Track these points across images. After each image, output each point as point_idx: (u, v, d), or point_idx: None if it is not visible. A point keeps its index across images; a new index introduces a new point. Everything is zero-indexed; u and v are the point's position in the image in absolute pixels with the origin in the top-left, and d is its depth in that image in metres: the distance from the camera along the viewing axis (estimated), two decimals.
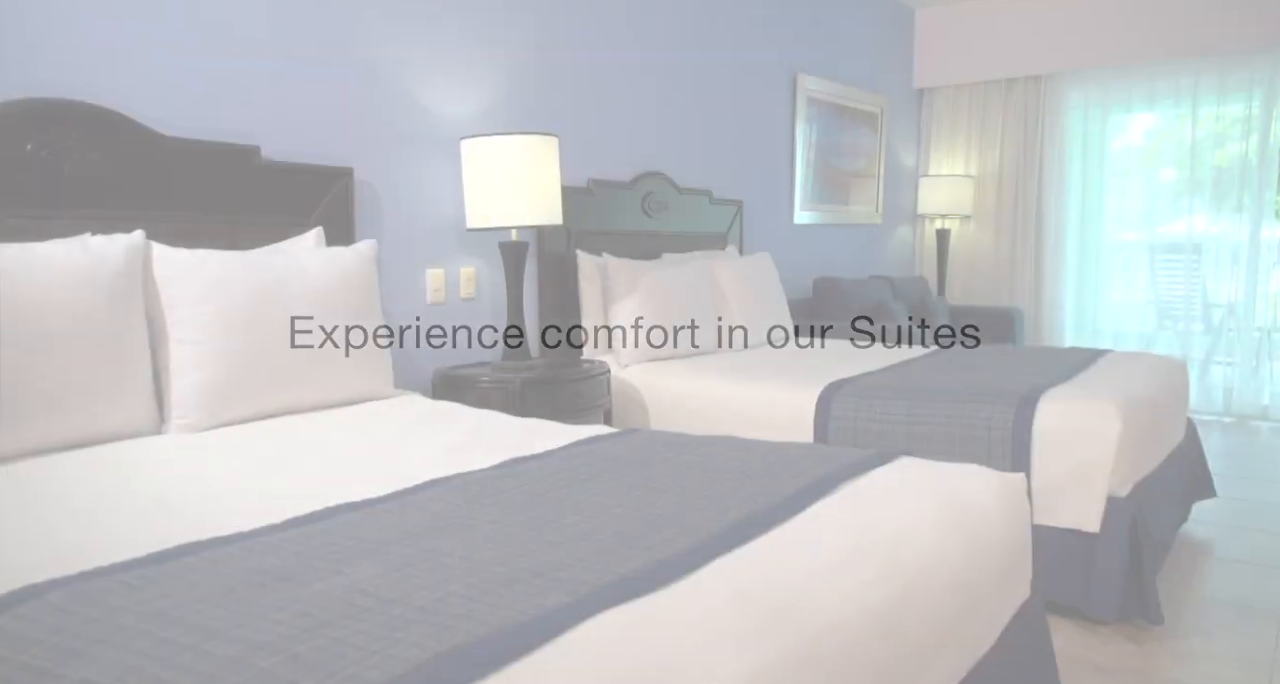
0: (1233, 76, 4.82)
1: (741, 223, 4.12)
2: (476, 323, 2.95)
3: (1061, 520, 2.20)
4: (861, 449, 1.64)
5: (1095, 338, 5.44)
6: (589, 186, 3.31)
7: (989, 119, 5.54)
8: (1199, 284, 5.05)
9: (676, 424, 2.82)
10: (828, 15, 4.75)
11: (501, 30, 2.95)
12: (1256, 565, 2.67)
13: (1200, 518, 3.11)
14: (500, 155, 2.58)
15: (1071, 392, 2.32)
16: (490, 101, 2.93)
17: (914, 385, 2.53)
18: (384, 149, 2.63)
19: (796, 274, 4.66)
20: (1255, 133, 4.73)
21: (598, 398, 2.72)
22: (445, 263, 2.84)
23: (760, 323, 3.56)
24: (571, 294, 3.22)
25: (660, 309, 3.11)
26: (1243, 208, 4.80)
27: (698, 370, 2.94)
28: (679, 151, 3.81)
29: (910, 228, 5.84)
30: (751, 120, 4.25)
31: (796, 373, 2.86)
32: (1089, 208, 5.39)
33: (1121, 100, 5.18)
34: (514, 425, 1.97)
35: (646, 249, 3.56)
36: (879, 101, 5.24)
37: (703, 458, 1.60)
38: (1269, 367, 4.85)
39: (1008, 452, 2.26)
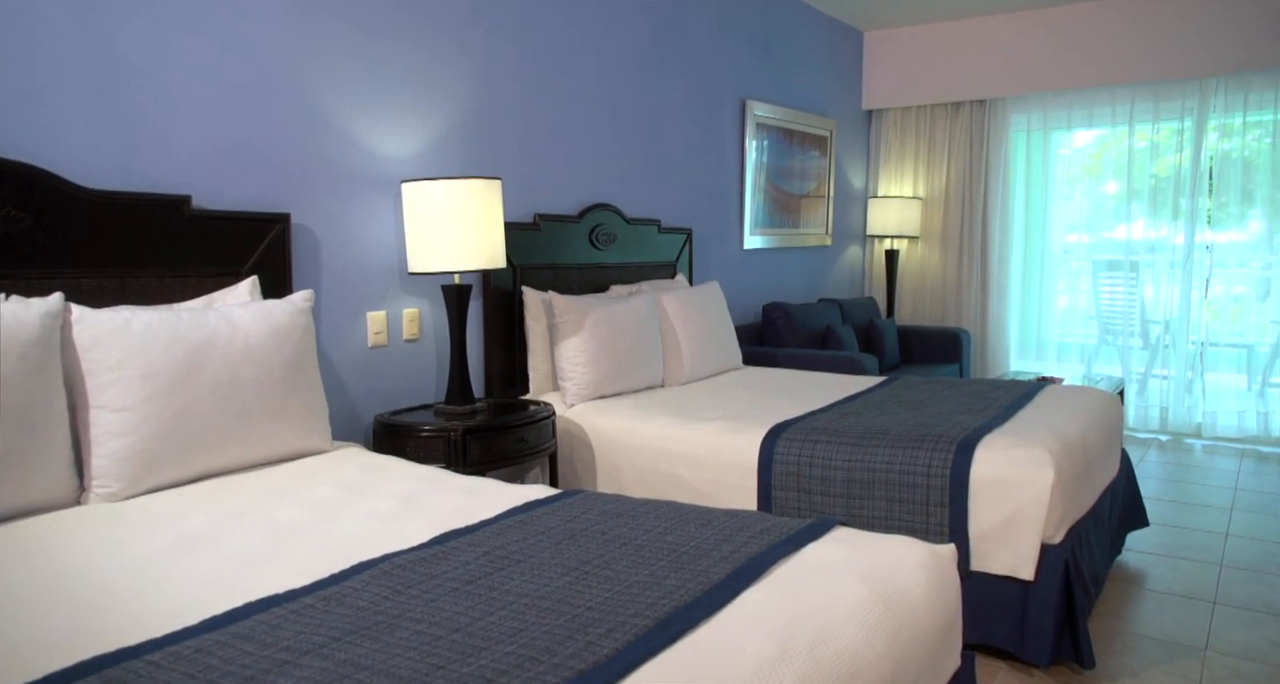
0: (1166, 103, 4.97)
1: (691, 251, 4.13)
2: (421, 364, 2.92)
3: (997, 568, 2.24)
4: (797, 520, 1.65)
5: (1040, 355, 5.56)
6: (536, 222, 3.28)
7: (936, 141, 5.63)
8: (1137, 300, 5.18)
9: (622, 466, 2.81)
10: (776, 40, 4.78)
11: (444, 67, 2.91)
12: (1184, 598, 2.74)
13: (1135, 546, 3.19)
14: (442, 199, 2.55)
15: (1006, 438, 2.35)
16: (434, 139, 2.90)
17: (857, 429, 2.55)
18: (323, 192, 2.58)
19: (747, 300, 4.69)
20: (1188, 147, 4.90)
21: (542, 442, 2.70)
22: (388, 305, 2.80)
23: (709, 355, 3.57)
24: (518, 332, 3.20)
25: (606, 346, 3.10)
26: (1179, 214, 4.95)
27: (644, 410, 2.93)
28: (627, 182, 3.80)
29: (860, 248, 5.91)
30: (700, 148, 4.26)
31: (742, 412, 2.87)
32: (1033, 227, 5.52)
33: (1062, 122, 5.32)
34: (452, 486, 1.95)
35: (595, 281, 3.55)
36: (829, 124, 5.30)
37: (637, 532, 1.59)
38: (1201, 384, 4.99)
39: (945, 499, 2.29)
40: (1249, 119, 4.79)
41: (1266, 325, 4.92)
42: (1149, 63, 4.82)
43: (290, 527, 1.66)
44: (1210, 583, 2.86)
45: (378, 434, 2.56)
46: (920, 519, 2.33)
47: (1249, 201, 4.88)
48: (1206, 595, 2.76)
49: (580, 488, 2.92)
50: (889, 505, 2.37)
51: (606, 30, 3.60)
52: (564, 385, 3.06)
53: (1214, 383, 5.05)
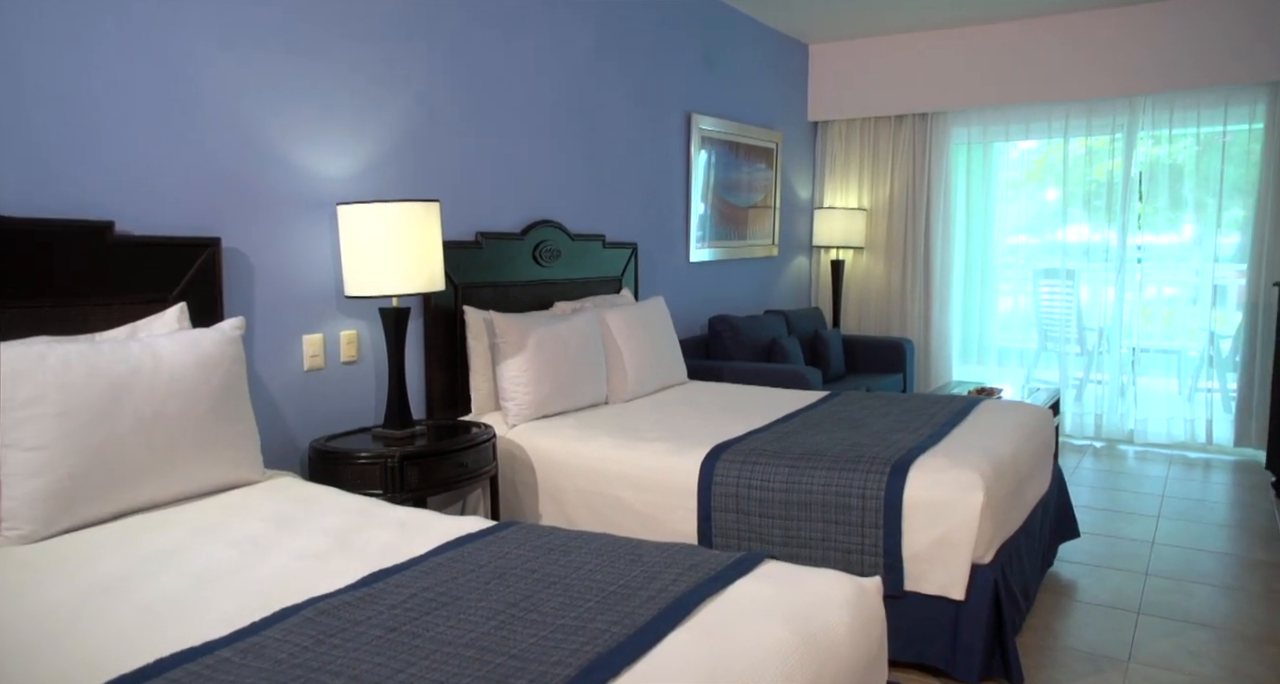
0: (1098, 118, 5.13)
1: (636, 265, 4.14)
2: (360, 386, 2.88)
3: (930, 588, 2.29)
4: (727, 554, 1.66)
5: (983, 360, 5.69)
6: (478, 240, 3.26)
7: (880, 153, 5.72)
8: (1074, 306, 5.33)
9: (564, 488, 2.81)
10: (721, 54, 4.81)
11: (381, 86, 2.88)
12: (1110, 609, 2.82)
13: (1067, 557, 3.28)
14: (378, 223, 2.52)
15: (939, 460, 2.40)
16: (372, 159, 2.86)
17: (795, 450, 2.59)
18: (256, 215, 2.53)
19: (694, 312, 4.71)
20: (1119, 157, 5.06)
21: (482, 466, 2.68)
22: (324, 327, 2.75)
23: (653, 371, 3.58)
24: (460, 351, 3.18)
25: (549, 365, 3.09)
26: (1113, 220, 5.11)
27: (586, 430, 2.93)
28: (571, 198, 3.80)
29: (807, 259, 5.97)
30: (645, 162, 4.27)
31: (684, 431, 2.89)
32: (975, 236, 5.65)
33: (1001, 135, 5.45)
34: (385, 519, 1.92)
35: (539, 298, 3.54)
36: (774, 137, 5.35)
37: (567, 570, 1.59)
38: (1134, 390, 5.14)
39: (879, 521, 2.33)
40: (1175, 132, 4.97)
41: (1196, 330, 5.09)
42: (1083, 81, 4.96)
43: (214, 568, 1.63)
44: (1135, 593, 2.95)
45: (313, 461, 2.52)
46: (855, 541, 2.36)
47: (1178, 210, 5.05)
48: (1131, 606, 2.85)
49: (522, 509, 2.91)
50: (825, 527, 2.40)
51: (548, 46, 3.59)
52: (506, 405, 3.05)
53: (1147, 388, 5.21)
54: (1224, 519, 3.75)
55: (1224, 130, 4.82)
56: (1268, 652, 2.52)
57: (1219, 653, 2.51)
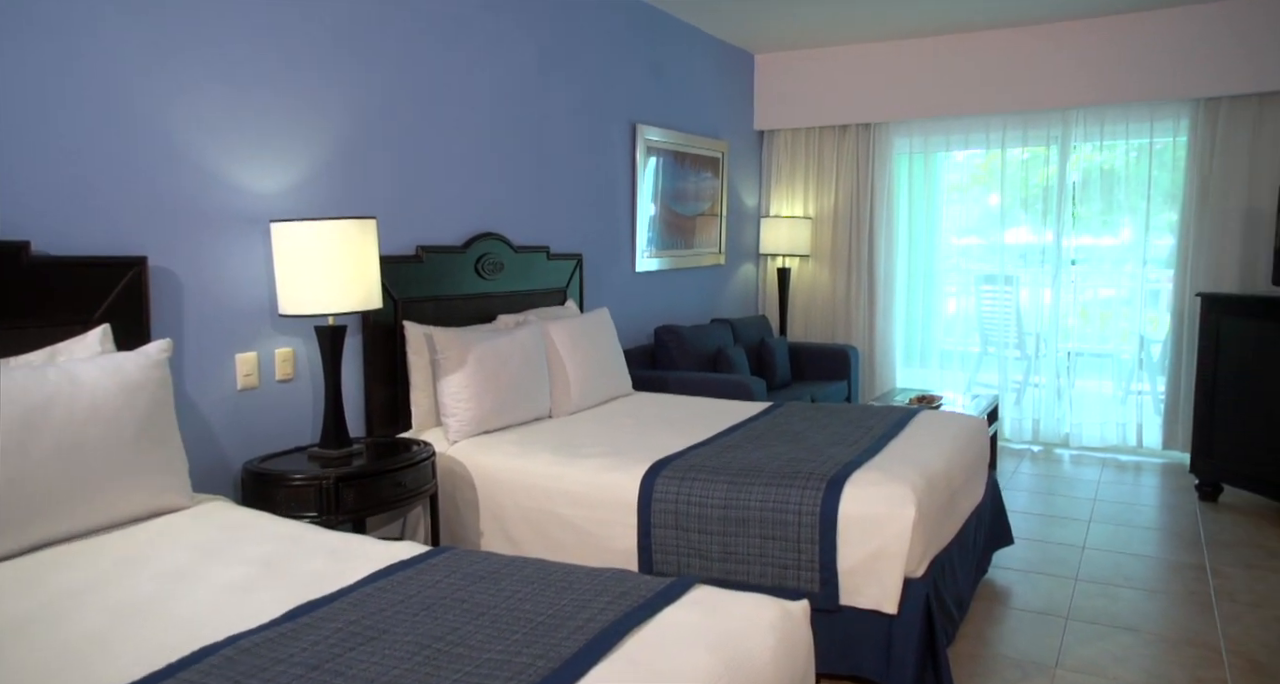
0: (1034, 130, 5.27)
1: (581, 276, 4.14)
2: (297, 404, 2.83)
3: (864, 602, 2.33)
4: (657, 579, 1.68)
5: (926, 363, 5.80)
6: (418, 254, 3.23)
7: (825, 161, 5.80)
8: (1013, 310, 5.46)
9: (505, 505, 2.79)
10: (667, 63, 4.84)
11: (316, 99, 2.84)
12: (1041, 615, 2.90)
13: (1001, 564, 3.36)
14: (313, 241, 2.48)
15: (873, 475, 2.44)
16: (307, 173, 2.82)
17: (734, 465, 2.61)
18: (185, 233, 2.48)
19: (640, 322, 4.73)
20: (1054, 164, 5.21)
21: (421, 485, 2.66)
22: (259, 345, 2.70)
23: (597, 383, 3.59)
24: (400, 366, 3.14)
25: (490, 381, 3.07)
26: (1049, 222, 5.25)
27: (528, 445, 2.92)
28: (515, 210, 3.78)
29: (754, 267, 6.03)
30: (590, 173, 4.27)
31: (625, 446, 2.90)
32: (918, 243, 5.76)
33: (941, 145, 5.58)
34: (316, 546, 1.90)
35: (482, 312, 3.52)
36: (720, 146, 5.39)
37: (496, 599, 1.59)
38: (1069, 394, 5.29)
39: (815, 536, 2.36)
40: (1105, 143, 5.13)
41: (1130, 334, 5.25)
42: (1020, 94, 5.09)
43: (134, 603, 1.59)
44: (1065, 598, 3.04)
45: (246, 484, 2.48)
46: (792, 556, 2.40)
47: (1111, 215, 5.21)
48: (1060, 611, 2.93)
49: (464, 526, 2.89)
50: (763, 543, 2.43)
51: (490, 57, 3.58)
52: (447, 422, 3.02)
53: (1084, 391, 5.37)
54: (1151, 522, 3.88)
55: (1150, 142, 5.00)
56: (1186, 653, 2.62)
57: (1141, 656, 2.60)
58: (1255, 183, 4.61)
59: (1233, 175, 4.67)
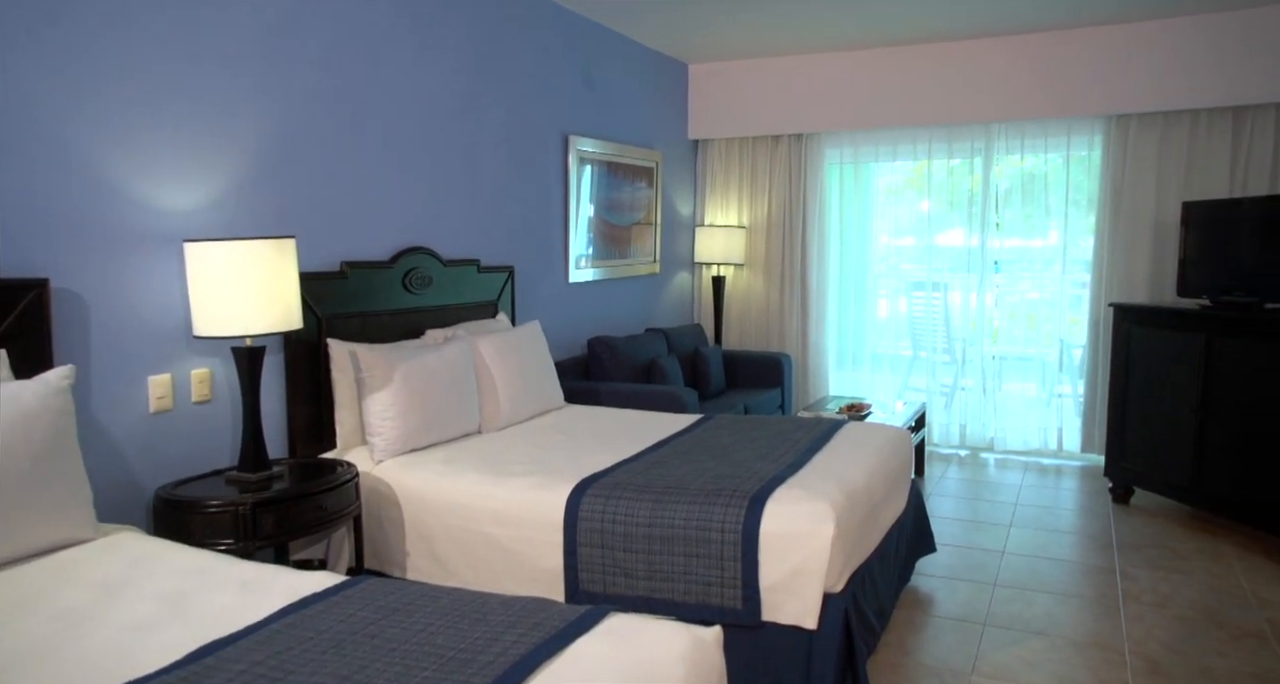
0: (958, 142, 5.42)
1: (513, 289, 4.12)
2: (215, 426, 2.76)
3: (785, 618, 2.37)
4: (572, 608, 1.68)
5: (858, 368, 5.91)
6: (343, 270, 3.18)
7: (759, 171, 5.87)
8: (942, 316, 5.60)
9: (431, 525, 2.77)
10: (600, 74, 4.84)
11: (233, 112, 2.77)
12: (959, 621, 2.99)
13: (925, 570, 3.44)
14: (228, 261, 2.43)
15: (795, 491, 2.49)
16: (224, 189, 2.75)
17: (659, 483, 2.63)
18: (91, 253, 2.40)
19: (575, 333, 4.72)
20: (979, 174, 5.37)
21: (344, 507, 2.62)
22: (173, 367, 2.63)
23: (527, 398, 3.58)
24: (325, 384, 3.09)
25: (417, 398, 3.04)
26: (974, 229, 5.42)
27: (455, 464, 2.90)
28: (444, 223, 3.75)
29: (689, 275, 6.07)
30: (522, 185, 4.26)
31: (553, 463, 2.90)
32: (851, 250, 5.87)
33: (870, 156, 5.70)
34: (226, 578, 1.86)
35: (409, 327, 3.48)
36: (654, 156, 5.42)
37: (409, 634, 1.57)
38: (994, 398, 5.45)
39: (737, 554, 2.40)
40: (1026, 156, 5.31)
41: (1054, 338, 5.43)
42: (945, 107, 5.23)
43: (24, 648, 1.54)
44: (984, 604, 3.13)
45: (158, 511, 2.41)
46: (715, 573, 2.42)
47: (1033, 223, 5.38)
48: (978, 617, 3.02)
49: (389, 547, 2.85)
50: (687, 560, 2.45)
51: (417, 70, 3.54)
52: (372, 441, 2.99)
53: (1011, 394, 5.54)
54: (1067, 526, 4.02)
55: (1067, 156, 5.18)
56: (1092, 655, 2.73)
57: (1050, 660, 2.70)
58: (1162, 197, 4.81)
59: (1142, 189, 4.86)
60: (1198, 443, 3.90)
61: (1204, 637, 2.85)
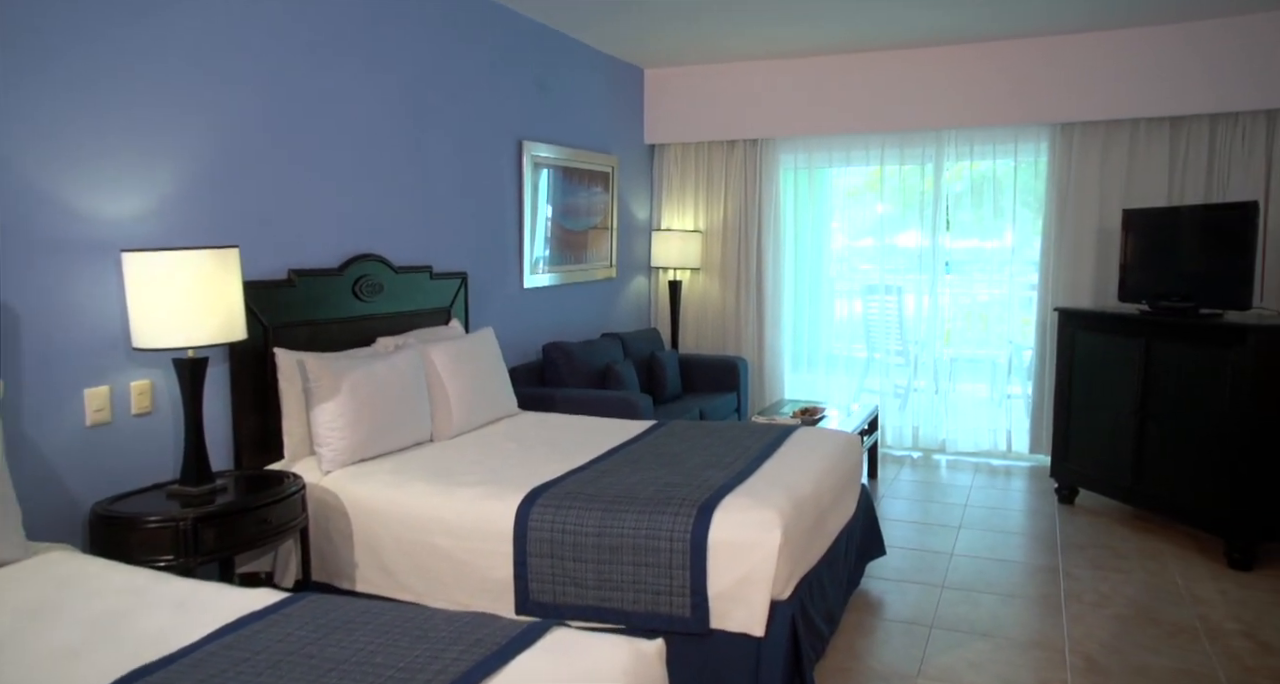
0: (910, 148, 5.50)
1: (466, 295, 4.09)
2: (157, 439, 2.70)
3: (733, 626, 2.39)
4: (515, 622, 1.68)
5: (814, 370, 5.97)
6: (290, 278, 3.14)
7: (714, 175, 5.91)
8: (896, 318, 5.68)
9: (380, 536, 2.74)
10: (555, 79, 4.83)
11: (177, 119, 2.72)
12: (908, 624, 3.04)
13: (875, 574, 3.49)
14: (169, 272, 2.38)
15: (743, 500, 2.51)
16: (165, 198, 2.70)
17: (609, 492, 2.63)
18: (22, 263, 2.33)
19: (530, 338, 4.71)
20: (930, 179, 5.46)
21: (290, 520, 2.59)
22: (111, 379, 2.57)
23: (480, 406, 3.56)
24: (273, 394, 3.05)
25: (366, 408, 3.01)
26: (926, 232, 5.50)
27: (404, 474, 2.88)
28: (396, 229, 3.71)
29: (646, 280, 6.09)
30: (476, 191, 4.23)
31: (504, 473, 2.89)
32: (806, 254, 5.93)
33: (824, 162, 5.76)
34: (161, 598, 1.82)
35: (360, 335, 3.44)
36: (610, 161, 5.42)
37: (348, 653, 1.56)
38: (946, 399, 5.54)
39: (686, 562, 2.41)
40: (975, 162, 5.41)
41: (1004, 340, 5.54)
42: (898, 114, 5.30)
43: None
44: (931, 606, 3.18)
45: (95, 528, 2.35)
46: (664, 582, 2.44)
47: (984, 226, 5.48)
48: (925, 620, 3.07)
49: (337, 559, 2.82)
50: (636, 570, 2.46)
51: (368, 74, 3.50)
52: (320, 451, 2.95)
53: (963, 395, 5.64)
54: (1015, 527, 4.10)
55: (1015, 163, 5.29)
56: (1034, 655, 2.79)
57: (994, 661, 2.75)
58: (1105, 203, 4.93)
59: (1086, 196, 4.98)
60: (1137, 444, 4.01)
61: (1140, 634, 2.93)
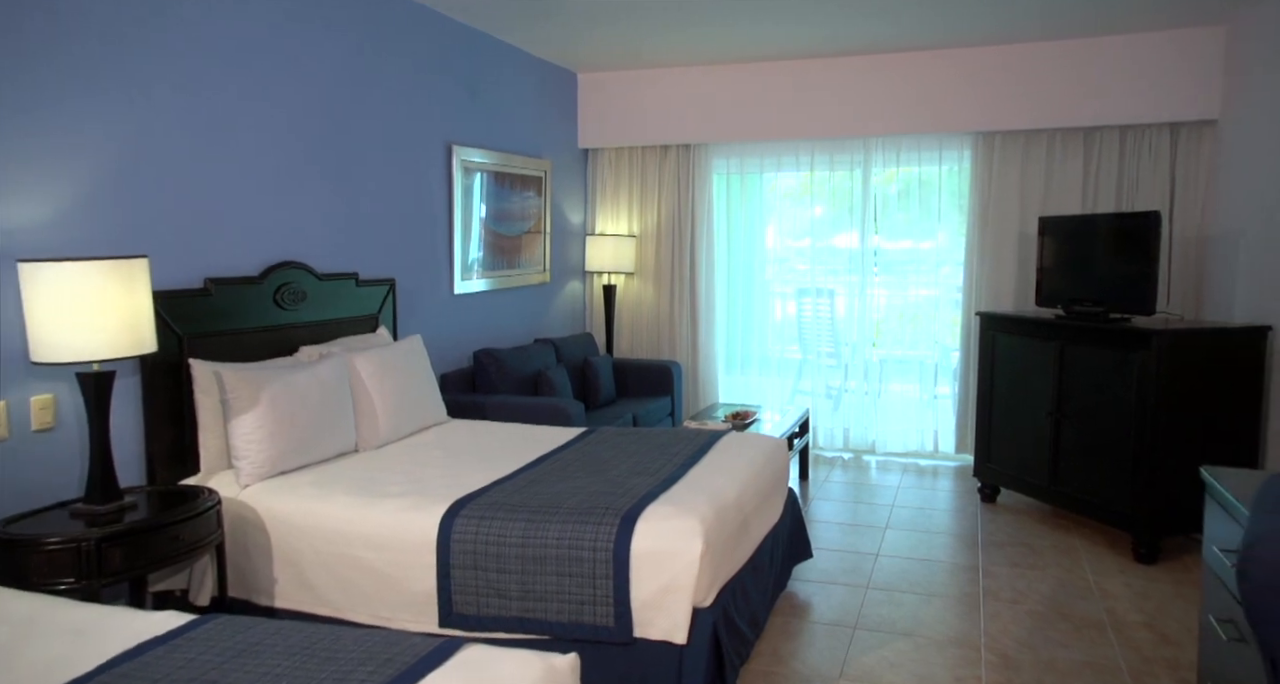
0: (839, 155, 5.60)
1: (395, 302, 4.04)
2: (61, 455, 2.61)
3: (656, 634, 2.41)
4: (427, 640, 1.67)
5: (746, 372, 6.04)
6: (207, 287, 3.06)
7: (648, 180, 5.93)
8: (829, 320, 5.78)
9: (301, 550, 2.69)
10: (486, 83, 4.80)
11: (80, 121, 2.62)
12: (832, 626, 3.10)
13: (803, 576, 3.55)
14: (71, 283, 2.30)
15: (666, 508, 2.52)
16: (68, 204, 2.60)
17: (534, 502, 2.63)
18: None
19: (461, 345, 4.66)
20: (859, 185, 5.57)
21: (204, 537, 2.52)
22: (10, 393, 2.47)
23: (407, 414, 3.52)
24: (188, 407, 2.96)
25: (287, 420, 2.95)
26: (855, 233, 5.61)
27: (326, 487, 2.83)
28: (321, 236, 3.64)
29: (580, 284, 6.08)
30: (404, 196, 4.18)
31: (429, 483, 2.86)
32: (740, 258, 5.99)
33: (756, 167, 5.84)
34: (58, 626, 1.76)
35: (282, 344, 3.36)
36: (543, 165, 5.40)
37: (254, 678, 1.53)
38: (877, 400, 5.66)
39: (609, 572, 2.42)
40: (902, 168, 5.55)
41: (931, 341, 5.67)
42: (826, 122, 5.40)
43: None
44: (855, 607, 3.25)
45: None
46: (588, 592, 2.44)
47: (914, 228, 5.62)
48: (849, 621, 3.14)
49: (256, 575, 2.76)
50: (560, 580, 2.46)
51: (286, 78, 3.43)
52: (238, 465, 2.88)
53: (892, 397, 5.76)
54: (939, 527, 4.21)
55: (939, 169, 5.43)
56: (951, 653, 2.87)
57: (912, 661, 2.82)
58: (1025, 210, 5.10)
59: (1007, 202, 5.14)
60: (1053, 444, 4.15)
61: (1051, 629, 3.04)
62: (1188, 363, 3.66)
